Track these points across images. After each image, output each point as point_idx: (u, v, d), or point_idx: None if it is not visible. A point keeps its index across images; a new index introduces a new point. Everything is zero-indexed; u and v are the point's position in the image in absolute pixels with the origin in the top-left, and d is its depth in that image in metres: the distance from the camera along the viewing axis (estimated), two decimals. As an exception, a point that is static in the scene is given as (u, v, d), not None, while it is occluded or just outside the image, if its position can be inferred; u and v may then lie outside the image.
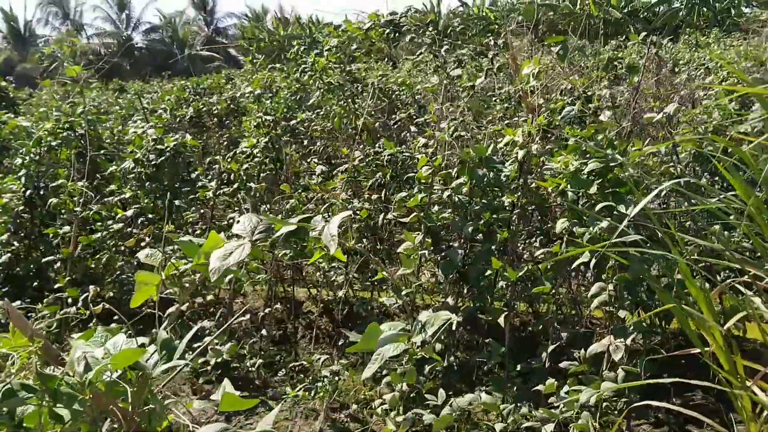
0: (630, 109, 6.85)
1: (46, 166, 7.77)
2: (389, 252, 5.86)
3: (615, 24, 24.63)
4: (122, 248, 6.77)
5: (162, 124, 9.71)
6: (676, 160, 5.68)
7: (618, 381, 4.56)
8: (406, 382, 5.20)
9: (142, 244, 5.24)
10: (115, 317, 6.86)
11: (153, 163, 6.96)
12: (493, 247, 5.36)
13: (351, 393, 5.58)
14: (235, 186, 6.21)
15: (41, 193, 7.36)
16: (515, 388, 5.12)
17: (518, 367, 5.18)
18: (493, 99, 8.30)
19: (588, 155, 5.06)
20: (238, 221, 2.37)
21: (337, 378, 5.50)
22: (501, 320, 5.16)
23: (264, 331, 6.12)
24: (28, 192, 7.42)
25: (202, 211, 6.68)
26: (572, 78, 7.03)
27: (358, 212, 5.83)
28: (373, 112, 7.22)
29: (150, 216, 6.82)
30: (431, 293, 6.77)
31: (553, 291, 5.21)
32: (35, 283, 7.59)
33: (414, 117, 7.77)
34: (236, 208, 6.29)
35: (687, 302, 2.80)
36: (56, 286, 6.99)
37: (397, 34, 8.95)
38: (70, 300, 6.88)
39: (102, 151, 7.57)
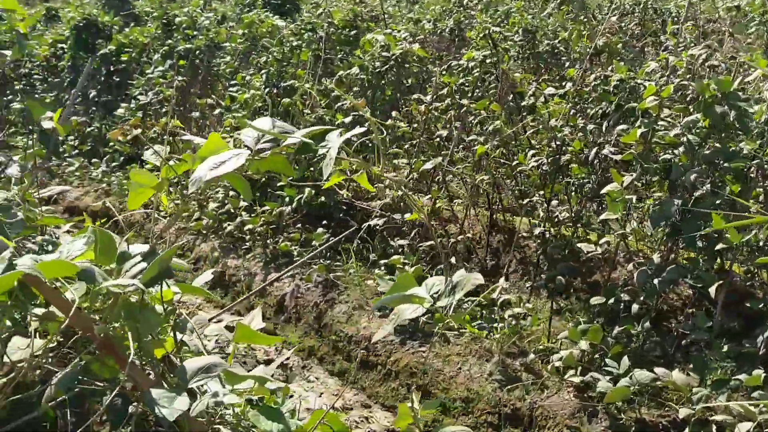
0: None
1: (291, 65, 7.90)
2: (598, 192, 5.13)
3: None
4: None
5: (422, 35, 9.45)
6: None
7: None
8: (589, 340, 4.61)
9: (133, 135, 4.95)
10: (324, 222, 6.94)
11: (377, 70, 6.75)
12: (720, 202, 4.44)
13: (533, 340, 5.08)
14: (447, 101, 5.80)
15: (276, 92, 7.51)
16: (719, 371, 4.29)
17: (725, 348, 4.32)
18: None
19: None
20: (250, 125, 2.00)
21: (515, 322, 5.02)
22: (712, 290, 4.31)
23: (453, 259, 5.76)
24: (267, 90, 7.61)
25: (414, 125, 6.36)
26: None
27: (570, 144, 5.17)
28: (618, 32, 6.32)
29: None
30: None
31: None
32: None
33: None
34: (447, 126, 5.88)
35: None
36: (279, 184, 7.22)
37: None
38: (287, 199, 7.07)
39: (339, 56, 7.52)
